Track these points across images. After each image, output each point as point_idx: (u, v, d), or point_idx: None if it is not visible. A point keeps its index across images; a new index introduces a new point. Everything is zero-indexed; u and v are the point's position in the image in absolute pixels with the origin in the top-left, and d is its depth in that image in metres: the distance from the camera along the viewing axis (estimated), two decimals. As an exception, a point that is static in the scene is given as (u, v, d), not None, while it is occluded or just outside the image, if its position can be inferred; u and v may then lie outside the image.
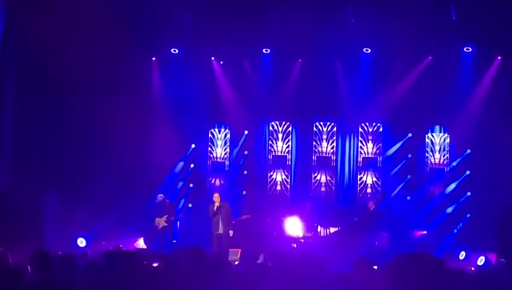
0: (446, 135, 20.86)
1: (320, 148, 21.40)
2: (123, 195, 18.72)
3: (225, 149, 21.74)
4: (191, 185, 21.20)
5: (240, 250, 17.70)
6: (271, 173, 21.59)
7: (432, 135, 20.93)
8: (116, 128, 18.21)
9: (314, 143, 21.42)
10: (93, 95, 18.03)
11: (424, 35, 18.83)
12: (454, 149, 20.79)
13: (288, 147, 21.58)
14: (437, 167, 20.86)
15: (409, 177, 20.70)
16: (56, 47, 16.73)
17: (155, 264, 8.90)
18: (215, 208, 17.55)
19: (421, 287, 2.98)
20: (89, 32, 17.38)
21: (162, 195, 19.10)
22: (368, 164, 21.19)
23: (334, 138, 21.35)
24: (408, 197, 20.52)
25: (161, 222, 18.53)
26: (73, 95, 18.15)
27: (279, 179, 21.52)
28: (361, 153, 21.22)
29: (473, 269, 14.99)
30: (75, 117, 18.56)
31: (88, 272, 6.77)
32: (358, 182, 21.18)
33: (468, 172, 20.29)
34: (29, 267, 7.09)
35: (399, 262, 3.02)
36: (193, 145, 21.28)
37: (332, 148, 21.35)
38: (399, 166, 20.82)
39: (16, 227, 16.15)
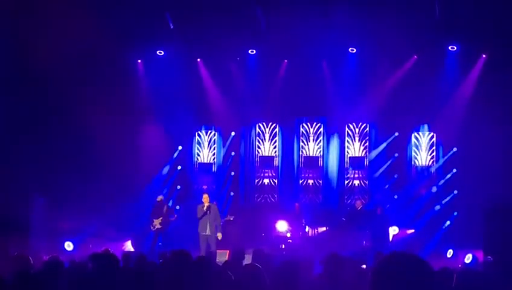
0: (432, 133, 20.94)
1: (307, 148, 21.43)
2: (110, 198, 18.65)
3: (212, 151, 21.73)
4: (179, 187, 21.17)
5: (228, 251, 17.67)
6: (258, 174, 21.59)
7: (419, 134, 21.01)
8: (102, 131, 18.16)
9: (301, 143, 21.45)
10: (79, 98, 17.97)
11: (409, 35, 18.91)
12: (441, 148, 20.88)
13: (275, 147, 21.59)
14: (424, 165, 20.94)
15: (396, 176, 20.76)
16: (42, 50, 16.67)
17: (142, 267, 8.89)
18: (204, 209, 17.49)
19: (402, 287, 2.98)
20: (75, 36, 17.32)
21: (162, 196, 19.04)
22: (355, 164, 21.23)
23: (321, 138, 21.39)
24: (395, 196, 20.57)
25: (156, 223, 18.43)
26: (59, 99, 18.10)
27: (266, 179, 21.53)
28: (348, 152, 21.27)
29: (460, 266, 15.06)
30: (61, 121, 18.50)
31: (74, 275, 6.75)
32: (346, 182, 21.22)
33: (454, 170, 20.36)
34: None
35: (379, 262, 3.03)
36: (180, 147, 21.26)
37: (319, 148, 21.39)
38: (386, 165, 20.88)
39: (2, 232, 16.08)
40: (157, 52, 20.75)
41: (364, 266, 10.62)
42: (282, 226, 18.75)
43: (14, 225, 16.43)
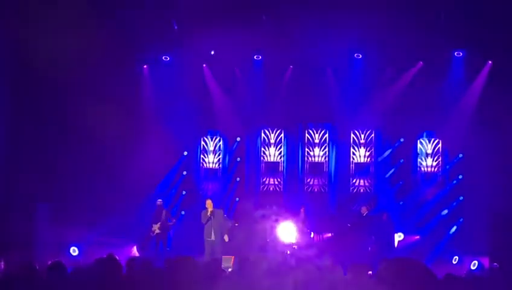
0: (438, 139, 20.90)
1: (312, 154, 21.41)
2: (116, 203, 18.65)
3: (217, 156, 21.73)
4: (184, 192, 21.17)
5: (233, 257, 17.65)
6: (264, 180, 21.58)
7: (424, 140, 20.97)
8: (107, 136, 18.18)
9: (306, 149, 21.44)
10: (84, 104, 17.99)
11: (414, 41, 18.90)
12: (446, 154, 20.83)
13: (280, 153, 21.58)
14: (429, 171, 20.89)
15: (401, 182, 20.72)
16: (45, 54, 16.69)
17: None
18: (208, 214, 17.52)
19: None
20: (81, 40, 17.36)
21: (160, 200, 19.12)
22: (360, 170, 21.21)
23: (326, 144, 21.37)
24: (401, 203, 20.53)
25: (156, 228, 18.51)
26: (63, 104, 18.13)
27: (271, 185, 21.51)
28: (353, 158, 21.24)
29: (465, 273, 15.00)
30: (66, 125, 18.51)
31: (78, 280, 6.75)
32: (351, 188, 21.19)
33: (460, 176, 20.32)
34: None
35: (384, 267, 3.02)
36: (185, 153, 21.26)
37: (325, 154, 21.37)
38: (391, 171, 20.85)
39: (8, 236, 16.11)
40: (163, 57, 20.78)
41: (370, 272, 10.58)
42: (288, 233, 18.68)
43: (19, 232, 16.45)
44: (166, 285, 7.23)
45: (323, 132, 21.41)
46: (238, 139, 21.48)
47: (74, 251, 18.45)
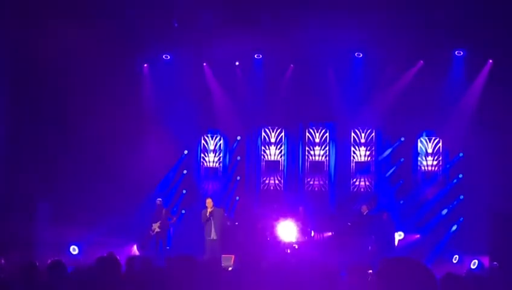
0: (438, 138, 20.89)
1: (313, 153, 21.41)
2: (116, 203, 18.64)
3: (218, 155, 21.73)
4: (184, 191, 21.17)
5: (233, 256, 17.67)
6: (264, 179, 21.57)
7: (425, 139, 20.97)
8: (107, 136, 18.19)
9: (306, 148, 21.43)
10: (84, 104, 18.00)
11: (415, 40, 18.90)
12: (446, 153, 20.83)
13: (281, 152, 21.58)
14: (430, 171, 20.89)
15: (401, 181, 20.71)
16: (46, 53, 16.70)
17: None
18: (207, 214, 17.52)
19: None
20: (81, 40, 17.37)
21: (160, 199, 19.16)
22: (361, 169, 21.20)
23: (327, 143, 21.37)
24: (401, 202, 20.52)
25: (155, 227, 18.55)
26: (63, 103, 18.13)
27: (272, 184, 21.50)
28: (353, 157, 21.24)
29: (465, 272, 15.01)
30: (66, 125, 18.52)
31: (79, 279, 6.75)
32: (351, 187, 21.18)
33: (460, 175, 20.31)
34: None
35: (384, 266, 3.03)
36: (186, 152, 21.26)
37: (325, 153, 21.36)
38: (392, 170, 20.85)
39: (8, 236, 16.10)
40: (164, 56, 20.79)
41: (370, 271, 10.59)
42: (287, 232, 18.69)
43: (19, 232, 16.45)
44: (166, 284, 7.22)
45: (323, 131, 21.41)
46: (239, 138, 21.48)
47: (74, 249, 18.45)
